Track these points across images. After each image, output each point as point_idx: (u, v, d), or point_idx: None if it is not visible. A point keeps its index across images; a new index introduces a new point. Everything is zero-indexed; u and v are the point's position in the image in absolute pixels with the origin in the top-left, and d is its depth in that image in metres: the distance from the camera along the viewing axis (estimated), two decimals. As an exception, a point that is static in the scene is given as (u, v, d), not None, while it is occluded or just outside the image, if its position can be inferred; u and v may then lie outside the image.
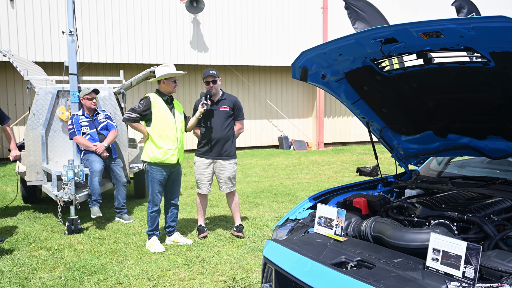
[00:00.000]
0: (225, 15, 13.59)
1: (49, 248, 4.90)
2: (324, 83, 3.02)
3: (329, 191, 3.32)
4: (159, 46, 12.94)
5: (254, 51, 13.99)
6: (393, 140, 3.47)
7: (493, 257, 1.92)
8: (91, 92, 6.06)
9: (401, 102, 3.02)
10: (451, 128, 3.04)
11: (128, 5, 12.57)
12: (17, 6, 11.63)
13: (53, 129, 6.39)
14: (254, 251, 4.71)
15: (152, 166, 4.78)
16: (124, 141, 6.63)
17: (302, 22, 14.45)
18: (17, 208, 6.83)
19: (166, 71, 4.79)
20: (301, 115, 15.65)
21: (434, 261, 1.95)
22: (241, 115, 5.31)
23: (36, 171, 6.33)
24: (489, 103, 2.60)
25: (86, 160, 5.87)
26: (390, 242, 2.29)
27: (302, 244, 2.46)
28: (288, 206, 6.77)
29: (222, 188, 5.25)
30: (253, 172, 10.19)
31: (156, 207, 4.86)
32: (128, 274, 4.11)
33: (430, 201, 2.62)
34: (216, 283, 3.92)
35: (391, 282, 1.92)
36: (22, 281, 3.99)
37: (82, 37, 11.87)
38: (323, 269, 2.16)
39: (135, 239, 5.18)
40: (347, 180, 9.13)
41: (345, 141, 16.06)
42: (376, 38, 2.32)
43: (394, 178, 3.69)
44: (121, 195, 6.06)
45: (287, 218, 3.01)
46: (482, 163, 3.60)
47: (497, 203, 2.55)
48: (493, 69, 2.27)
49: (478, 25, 1.97)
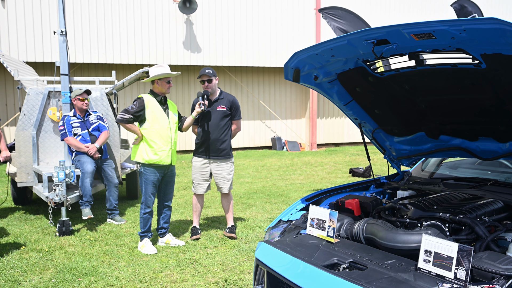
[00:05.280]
0: (218, 16, 13.57)
1: (39, 250, 4.85)
2: (316, 84, 3.02)
3: (321, 192, 3.32)
4: (152, 46, 12.90)
5: (247, 52, 13.98)
6: (386, 141, 3.48)
7: (485, 258, 1.93)
8: (82, 92, 6.01)
9: (393, 104, 3.02)
10: (443, 130, 3.06)
11: (121, 5, 12.51)
12: (8, 5, 11.53)
13: (44, 129, 6.33)
14: (247, 252, 4.70)
15: (146, 167, 4.75)
16: (116, 142, 6.59)
17: (295, 23, 14.47)
18: (7, 209, 6.76)
19: (159, 72, 4.76)
20: (294, 116, 15.67)
21: (426, 263, 1.96)
22: (238, 115, 5.28)
23: (27, 172, 6.27)
24: (481, 105, 2.61)
25: (78, 161, 5.82)
26: (382, 244, 2.29)
27: (294, 246, 2.45)
28: (281, 207, 6.76)
29: (222, 188, 5.22)
30: (246, 173, 10.18)
31: (149, 208, 4.83)
32: (120, 276, 4.08)
33: (422, 202, 2.63)
34: (208, 284, 3.90)
35: (383, 284, 1.92)
36: (12, 284, 3.95)
37: (74, 37, 11.80)
38: (315, 271, 2.16)
39: (127, 241, 5.15)
40: (339, 181, 9.16)
41: (337, 142, 16.10)
42: (368, 40, 2.33)
43: (386, 179, 3.70)
44: (113, 196, 6.02)
45: (280, 220, 3.00)
46: (473, 164, 3.62)
47: (488, 204, 2.56)
48: (484, 71, 2.28)
49: (470, 27, 1.98)
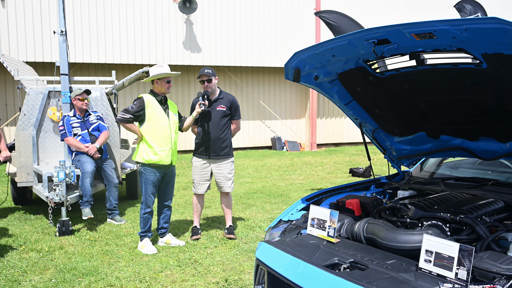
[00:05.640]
0: (218, 16, 13.56)
1: (39, 250, 4.85)
2: (317, 84, 3.02)
3: (322, 192, 3.31)
4: (152, 46, 12.89)
5: (247, 52, 13.98)
6: (386, 141, 3.47)
7: (486, 258, 1.93)
8: (82, 92, 6.00)
9: (393, 103, 3.02)
10: (444, 130, 3.05)
11: (121, 5, 12.51)
12: (8, 5, 11.52)
13: (44, 129, 6.33)
14: (247, 252, 4.70)
15: (146, 167, 4.74)
16: (116, 142, 6.58)
17: (295, 23, 14.47)
18: (7, 209, 6.76)
19: (159, 71, 4.75)
20: (294, 116, 15.66)
21: (427, 263, 1.95)
22: (238, 115, 5.29)
23: (27, 172, 6.26)
24: (481, 105, 2.60)
25: (78, 161, 5.82)
26: (383, 244, 2.28)
27: (294, 246, 2.45)
28: (281, 207, 6.76)
29: (223, 187, 5.22)
30: (246, 173, 10.17)
31: (149, 208, 4.82)
32: (120, 276, 4.07)
33: (422, 202, 2.63)
34: (208, 284, 3.90)
35: (384, 284, 1.92)
36: (12, 284, 3.94)
37: (74, 37, 11.79)
38: (316, 270, 2.15)
39: (127, 241, 5.14)
40: (340, 181, 9.15)
41: (338, 142, 16.10)
42: (369, 39, 2.32)
43: (386, 179, 3.69)
44: (113, 196, 6.01)
45: (280, 220, 3.00)
46: (474, 164, 3.61)
47: (489, 204, 2.56)
48: (485, 71, 2.28)
49: (471, 26, 1.97)
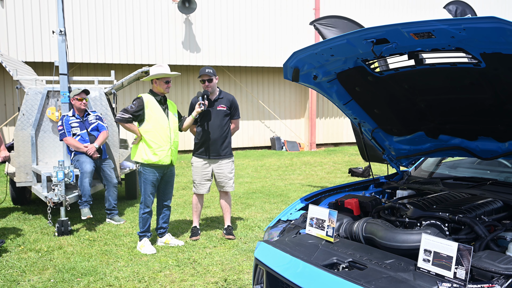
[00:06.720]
0: (217, 16, 13.56)
1: (38, 250, 4.84)
2: (315, 83, 3.02)
3: (321, 192, 3.31)
4: (151, 46, 12.88)
5: (247, 52, 13.97)
6: (385, 140, 3.47)
7: (484, 257, 1.93)
8: (81, 92, 5.99)
9: (392, 103, 3.02)
10: (442, 129, 3.05)
11: (120, 5, 12.50)
12: (7, 5, 11.51)
13: (43, 129, 6.32)
14: (246, 252, 4.69)
15: (145, 167, 4.74)
16: (115, 142, 6.58)
17: (294, 23, 14.46)
18: (6, 209, 6.75)
19: (158, 71, 4.75)
20: (293, 116, 15.66)
21: (426, 262, 1.95)
22: (237, 114, 5.30)
23: (26, 172, 6.26)
24: (480, 104, 2.60)
25: (77, 161, 5.81)
26: (381, 243, 2.28)
27: (293, 245, 2.45)
28: (280, 207, 6.76)
29: (224, 187, 5.22)
30: (245, 173, 10.17)
31: (148, 208, 4.82)
32: (119, 276, 4.07)
33: (421, 202, 2.63)
34: (207, 284, 3.90)
35: (383, 283, 1.91)
36: (11, 284, 3.94)
37: (73, 37, 11.78)
38: (315, 270, 2.15)
39: (126, 241, 5.14)
40: (339, 181, 9.15)
41: (337, 142, 16.10)
42: (368, 39, 2.32)
43: (385, 179, 3.69)
44: (112, 196, 6.01)
45: (279, 219, 3.00)
46: (473, 164, 3.62)
47: (488, 203, 2.56)
48: (484, 70, 2.28)
49: (469, 25, 1.97)
